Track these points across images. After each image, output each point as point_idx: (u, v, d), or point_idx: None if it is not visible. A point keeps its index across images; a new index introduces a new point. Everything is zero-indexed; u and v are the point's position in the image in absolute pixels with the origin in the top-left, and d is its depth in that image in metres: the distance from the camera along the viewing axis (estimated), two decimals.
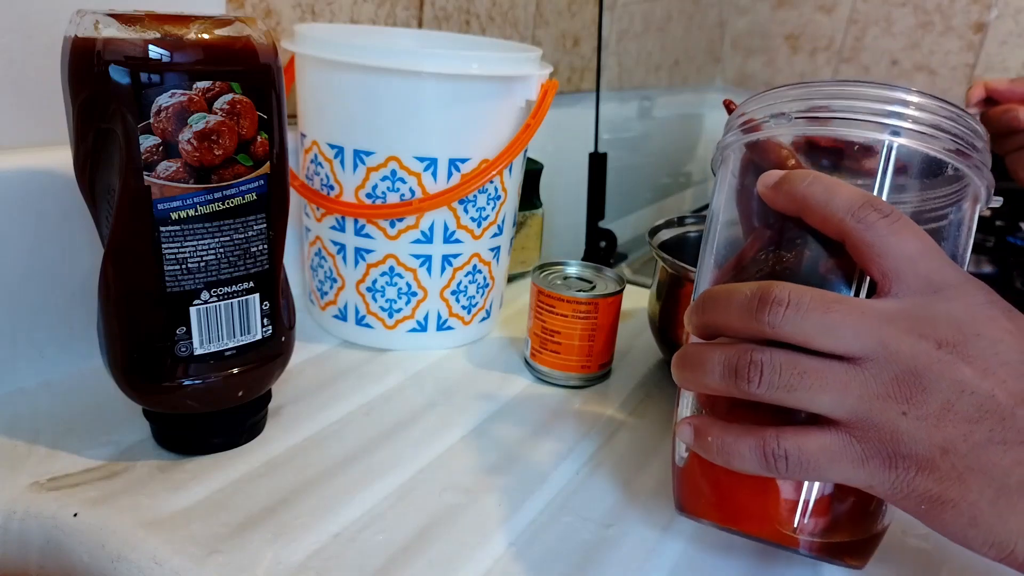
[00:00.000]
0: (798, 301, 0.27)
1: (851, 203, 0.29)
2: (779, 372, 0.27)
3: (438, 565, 0.34)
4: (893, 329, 0.27)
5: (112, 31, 0.32)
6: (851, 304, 0.28)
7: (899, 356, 0.27)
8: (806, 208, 0.30)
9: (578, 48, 0.96)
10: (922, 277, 0.28)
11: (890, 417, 0.27)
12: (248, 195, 0.37)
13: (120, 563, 0.33)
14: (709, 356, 0.29)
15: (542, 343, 0.52)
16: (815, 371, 0.27)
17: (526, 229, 0.69)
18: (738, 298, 0.29)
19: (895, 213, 0.28)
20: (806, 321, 0.27)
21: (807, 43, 1.40)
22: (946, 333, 0.27)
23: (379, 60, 0.47)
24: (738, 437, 0.29)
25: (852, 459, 0.28)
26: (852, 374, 0.27)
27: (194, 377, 0.38)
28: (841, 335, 0.27)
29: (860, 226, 0.28)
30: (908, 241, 0.28)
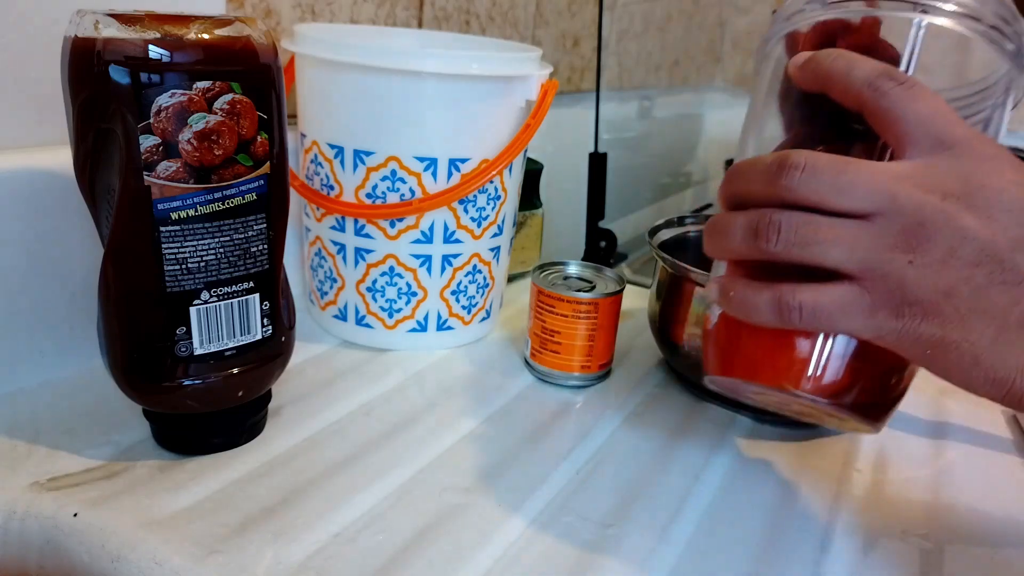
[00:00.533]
0: (814, 164, 0.29)
1: (870, 73, 0.30)
2: (795, 230, 0.29)
3: (438, 565, 0.34)
4: (902, 185, 0.29)
5: (112, 31, 0.32)
6: (864, 165, 0.29)
7: (906, 209, 0.28)
8: (829, 82, 0.31)
9: (578, 48, 0.96)
10: (933, 136, 0.29)
11: (897, 266, 0.29)
12: (248, 195, 0.37)
13: (120, 563, 0.33)
14: (732, 221, 0.32)
15: (542, 343, 0.52)
16: (828, 227, 0.29)
17: (526, 229, 0.69)
18: (760, 166, 0.31)
19: (911, 80, 0.30)
20: (820, 182, 0.29)
21: None
22: (952, 185, 0.28)
23: (379, 60, 0.47)
24: (757, 291, 0.31)
25: (862, 310, 0.29)
26: (863, 228, 0.29)
27: (194, 377, 0.38)
28: (853, 193, 0.29)
29: (876, 94, 0.30)
30: (921, 104, 0.29)
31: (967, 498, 0.43)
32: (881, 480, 0.44)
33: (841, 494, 0.42)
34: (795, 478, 0.43)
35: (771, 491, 0.42)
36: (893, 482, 0.44)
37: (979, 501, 0.43)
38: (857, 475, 0.44)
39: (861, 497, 0.42)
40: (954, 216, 0.28)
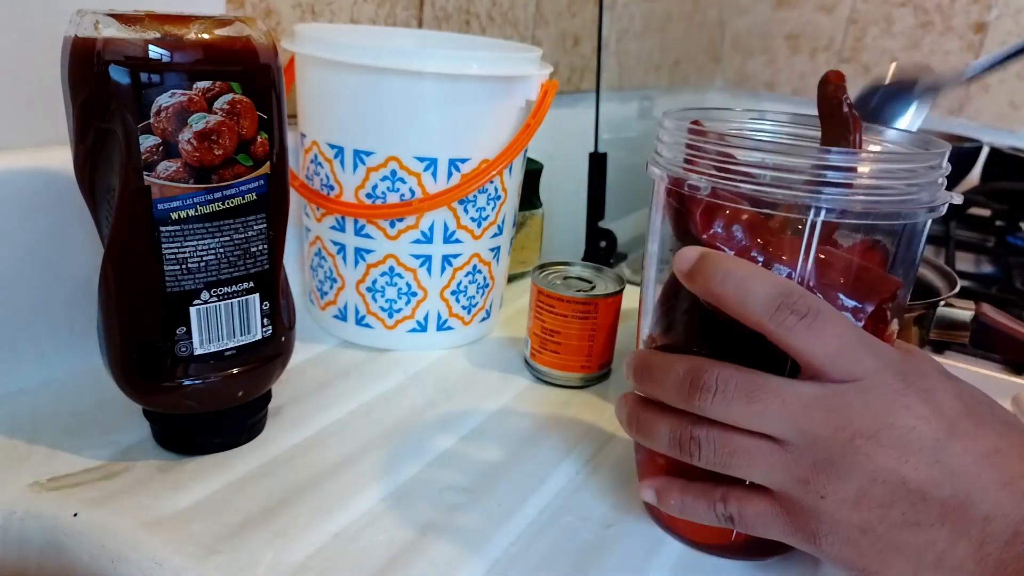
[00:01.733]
0: (724, 389, 0.30)
1: (766, 306, 0.29)
2: (714, 449, 0.31)
3: (438, 565, 0.34)
4: (811, 418, 0.29)
5: (112, 31, 0.32)
6: (773, 391, 0.29)
7: (816, 445, 0.29)
8: (722, 305, 0.30)
9: (578, 48, 0.96)
10: (842, 370, 0.29)
11: (811, 499, 0.29)
12: (248, 195, 0.37)
13: (120, 563, 0.33)
14: (657, 427, 0.33)
15: (542, 343, 0.52)
16: (744, 450, 0.30)
17: (526, 229, 0.69)
18: (672, 378, 0.31)
19: (812, 311, 0.29)
20: (731, 409, 0.30)
21: (807, 43, 1.40)
22: (860, 423, 0.28)
23: (379, 60, 0.47)
24: (695, 500, 0.33)
25: (783, 527, 0.31)
26: (777, 455, 0.30)
27: (194, 377, 0.38)
28: (763, 423, 0.29)
29: (779, 330, 0.29)
30: (827, 340, 0.29)
31: None
32: None
33: None
34: None
35: None
36: None
37: None
38: None
39: None
40: (866, 456, 0.28)
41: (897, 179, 0.31)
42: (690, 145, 0.32)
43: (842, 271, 0.32)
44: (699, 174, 0.32)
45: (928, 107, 0.49)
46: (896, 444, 0.28)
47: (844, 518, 0.29)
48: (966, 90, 1.27)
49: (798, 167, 0.30)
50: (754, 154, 0.31)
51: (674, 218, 0.34)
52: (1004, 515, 0.27)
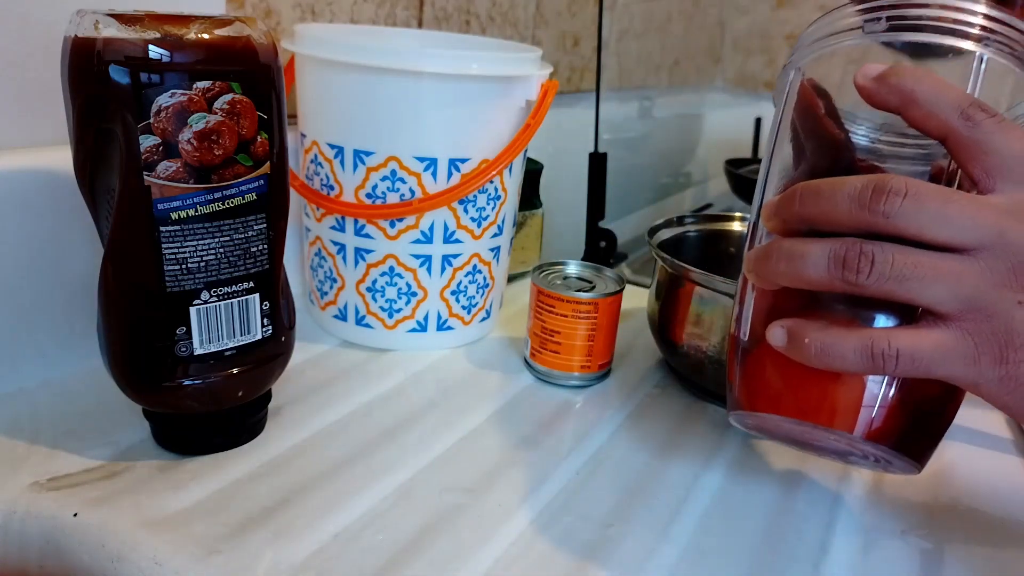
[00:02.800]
0: (916, 192, 0.27)
1: (959, 102, 0.28)
2: (891, 262, 0.27)
3: (438, 565, 0.34)
4: (1011, 220, 0.27)
5: (112, 31, 0.32)
6: (968, 197, 0.28)
7: (1016, 246, 0.27)
8: (912, 103, 0.29)
9: (578, 48, 0.96)
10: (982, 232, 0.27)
11: (1006, 307, 0.27)
12: (248, 195, 0.37)
13: (120, 563, 0.33)
14: (811, 248, 0.29)
15: (542, 343, 0.52)
16: (929, 261, 0.27)
17: (526, 229, 0.69)
18: (848, 189, 0.28)
19: (1000, 115, 0.28)
20: (923, 212, 0.27)
21: None
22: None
23: (379, 60, 0.47)
24: (842, 337, 0.28)
25: (964, 356, 0.28)
26: (967, 264, 0.27)
27: (194, 377, 0.38)
28: (960, 225, 0.27)
29: (968, 124, 0.28)
30: (1016, 140, 0.28)
31: (967, 498, 0.43)
32: (881, 480, 0.44)
33: (841, 494, 0.42)
34: (795, 478, 0.43)
35: (771, 491, 0.42)
36: (893, 482, 0.44)
37: (979, 501, 0.43)
38: (857, 475, 0.44)
39: (861, 497, 0.42)
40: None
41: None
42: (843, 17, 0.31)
43: None
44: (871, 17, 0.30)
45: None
46: None
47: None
48: None
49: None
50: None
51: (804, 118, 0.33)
52: None
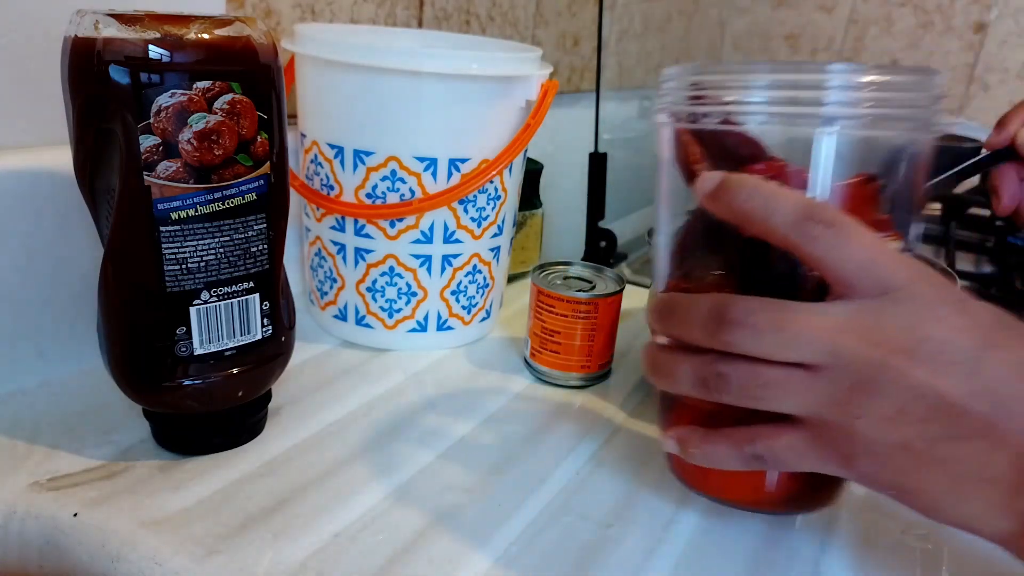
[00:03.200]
0: (754, 322, 0.29)
1: (792, 217, 0.29)
2: (743, 383, 0.30)
3: (438, 565, 0.34)
4: (846, 338, 0.28)
5: (112, 31, 0.32)
6: (803, 315, 0.29)
7: (853, 365, 0.28)
8: (747, 222, 0.30)
9: (578, 48, 0.95)
10: (873, 282, 0.28)
11: (847, 421, 0.29)
12: (248, 195, 0.37)
13: (120, 563, 0.33)
14: (678, 367, 0.32)
15: (542, 343, 0.52)
16: (776, 381, 0.29)
17: (526, 229, 0.69)
18: (696, 315, 0.30)
19: (838, 221, 0.28)
20: (762, 340, 0.29)
21: (807, 43, 1.40)
22: (896, 338, 0.28)
23: (379, 60, 0.47)
24: (716, 445, 0.32)
25: (816, 455, 0.30)
26: (811, 381, 0.29)
27: (194, 377, 0.38)
28: (796, 349, 0.29)
29: (804, 240, 0.28)
30: (855, 250, 0.28)
31: None
32: None
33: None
34: None
35: None
36: None
37: None
38: None
39: (861, 497, 0.42)
40: (902, 373, 0.28)
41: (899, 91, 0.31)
42: (696, 84, 0.33)
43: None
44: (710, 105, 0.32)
45: None
46: (931, 357, 0.27)
47: (881, 437, 0.28)
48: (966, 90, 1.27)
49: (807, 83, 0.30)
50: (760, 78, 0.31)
51: (684, 164, 0.34)
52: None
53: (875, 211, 0.33)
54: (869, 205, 0.32)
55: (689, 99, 0.33)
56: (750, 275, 0.32)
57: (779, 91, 0.30)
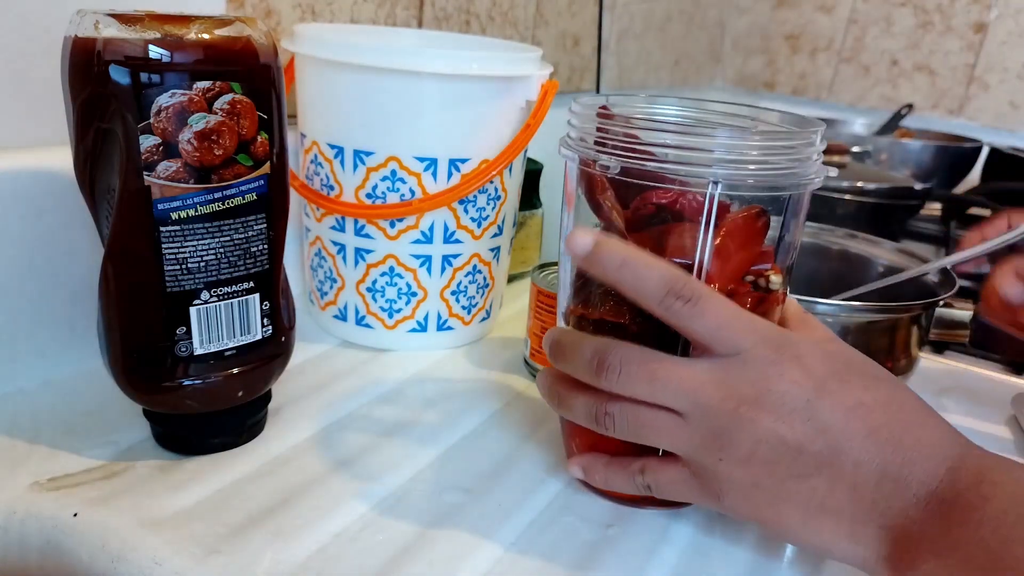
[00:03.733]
0: (627, 370, 0.33)
1: (656, 293, 0.33)
2: (626, 423, 0.34)
3: (438, 565, 0.34)
4: (704, 391, 0.33)
5: (112, 31, 0.32)
6: (669, 370, 0.33)
7: (709, 414, 0.33)
8: (618, 284, 0.34)
9: (578, 48, 0.95)
10: (724, 346, 0.33)
11: (711, 462, 0.33)
12: (248, 195, 0.37)
13: (120, 563, 0.33)
14: (575, 402, 0.36)
15: (542, 343, 0.51)
16: (651, 423, 0.34)
17: (526, 229, 0.69)
18: (581, 358, 0.35)
19: (696, 294, 0.32)
20: (635, 386, 0.33)
21: (807, 43, 1.40)
22: (743, 392, 0.32)
23: (379, 60, 0.47)
24: (615, 475, 0.38)
25: (692, 489, 0.35)
26: (680, 426, 0.33)
27: (194, 377, 0.38)
28: (664, 398, 0.33)
29: (668, 313, 0.33)
30: (708, 320, 0.32)
31: None
32: None
33: None
34: None
35: None
36: None
37: None
38: None
39: None
40: (751, 421, 0.32)
41: (781, 155, 0.34)
42: (600, 128, 0.36)
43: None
44: (608, 154, 0.35)
45: None
46: (774, 407, 0.32)
47: (738, 477, 0.33)
48: (966, 90, 1.27)
49: (697, 145, 0.34)
50: (658, 135, 0.34)
51: (588, 195, 0.38)
52: (870, 460, 0.31)
53: (760, 243, 0.37)
54: (756, 238, 0.36)
55: (595, 142, 0.36)
56: (637, 314, 0.36)
57: (674, 150, 0.34)
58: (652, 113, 0.41)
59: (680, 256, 0.35)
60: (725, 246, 0.35)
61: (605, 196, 0.37)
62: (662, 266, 0.33)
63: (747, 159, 0.33)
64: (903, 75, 1.32)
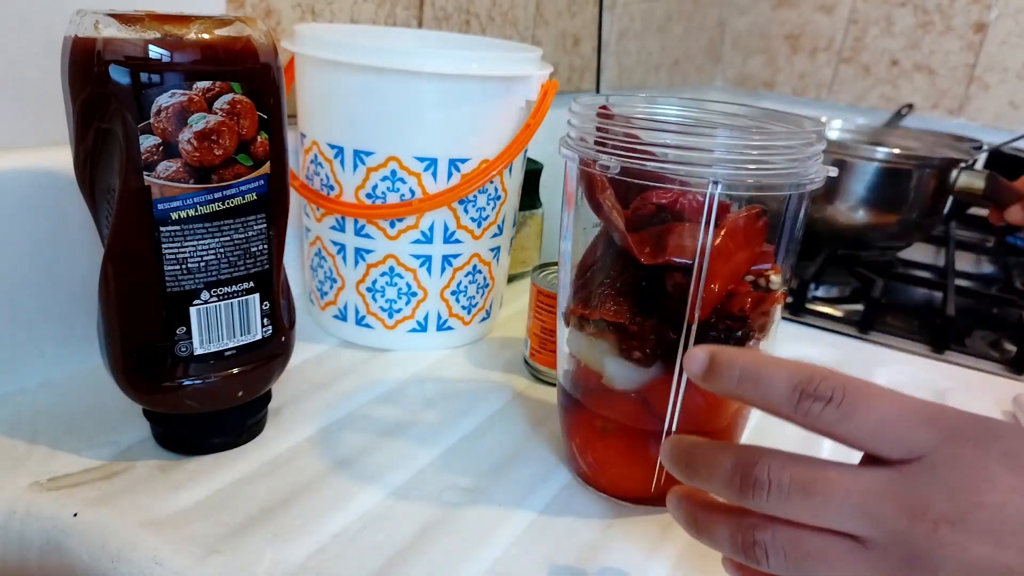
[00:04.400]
0: (779, 483, 0.26)
1: (788, 398, 0.27)
2: (784, 555, 0.27)
3: (438, 565, 0.34)
4: (883, 508, 0.25)
5: (112, 31, 0.32)
6: (832, 481, 0.26)
7: (900, 538, 0.25)
8: (743, 398, 0.28)
9: (578, 48, 0.95)
10: (895, 449, 0.26)
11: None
12: (248, 195, 0.37)
13: (120, 563, 0.33)
14: (717, 529, 0.29)
15: (541, 343, 0.51)
16: (819, 552, 0.26)
17: (526, 229, 0.69)
18: (720, 474, 0.28)
19: (838, 391, 0.26)
20: (791, 504, 0.26)
21: (807, 43, 1.40)
22: (943, 508, 0.25)
23: (379, 60, 0.47)
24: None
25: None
26: (858, 553, 0.26)
27: (194, 377, 0.38)
28: (830, 518, 0.26)
29: (808, 420, 0.27)
30: (862, 419, 0.26)
31: None
32: None
33: None
34: None
35: None
36: None
37: None
38: None
39: None
40: (956, 546, 0.24)
41: (781, 155, 0.34)
42: (600, 128, 0.36)
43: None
44: (609, 155, 0.35)
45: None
46: (988, 528, 0.24)
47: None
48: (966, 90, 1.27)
49: (697, 145, 0.33)
50: (658, 135, 0.34)
51: (588, 195, 0.38)
52: None
53: (760, 243, 0.36)
54: (758, 237, 0.36)
55: (595, 142, 0.36)
56: (644, 300, 0.36)
57: (674, 150, 0.33)
58: (652, 113, 0.41)
59: (680, 256, 0.35)
60: (726, 246, 0.35)
61: (605, 196, 0.37)
62: (789, 365, 0.27)
63: (747, 159, 0.33)
64: (903, 75, 1.32)
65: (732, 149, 0.33)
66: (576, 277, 0.39)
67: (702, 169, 0.33)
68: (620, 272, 0.37)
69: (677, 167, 0.34)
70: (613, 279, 0.37)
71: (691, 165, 0.33)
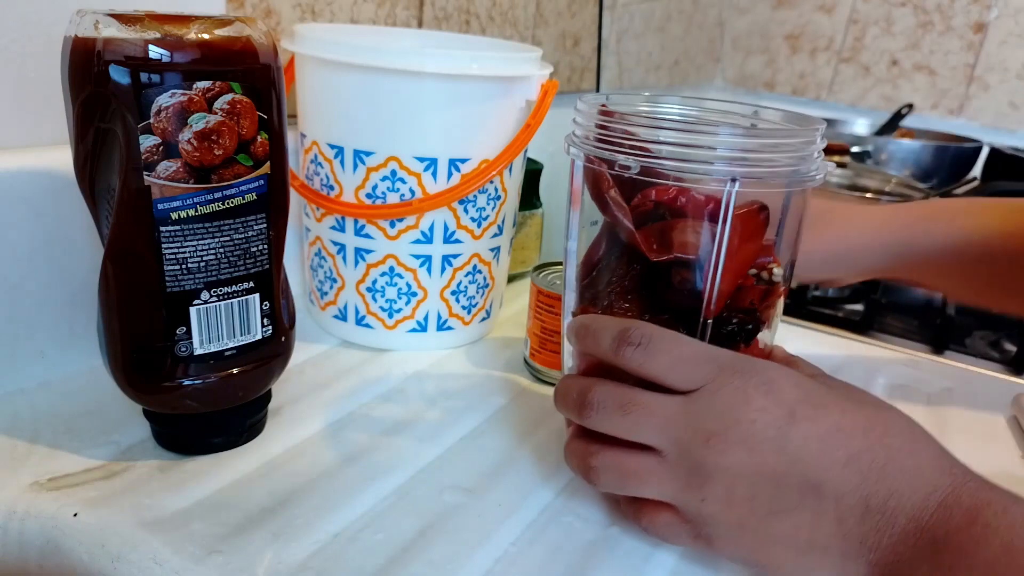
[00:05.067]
0: (603, 404, 0.33)
1: (611, 345, 0.33)
2: (610, 474, 0.34)
3: (438, 565, 0.34)
4: (676, 426, 0.32)
5: (112, 31, 0.32)
6: (643, 404, 0.32)
7: (684, 450, 0.32)
8: (589, 352, 0.35)
9: (578, 48, 0.95)
10: (682, 381, 0.32)
11: (695, 504, 0.32)
12: (248, 195, 0.37)
13: (120, 563, 0.33)
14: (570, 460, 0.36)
15: (541, 343, 0.51)
16: (634, 471, 0.33)
17: (526, 229, 0.69)
18: (569, 400, 0.35)
19: (645, 338, 0.32)
20: (612, 420, 0.33)
21: (807, 43, 1.40)
22: (712, 425, 0.31)
23: (379, 60, 0.47)
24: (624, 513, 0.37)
25: (686, 534, 0.33)
26: (662, 467, 0.32)
27: (194, 377, 0.38)
28: (640, 433, 0.33)
29: (623, 362, 0.33)
30: (660, 359, 0.32)
31: None
32: None
33: None
34: None
35: None
36: None
37: None
38: None
39: None
40: (720, 454, 0.31)
41: (789, 152, 0.35)
42: (607, 127, 0.36)
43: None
44: (626, 154, 0.35)
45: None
46: (743, 439, 0.30)
47: (723, 518, 0.31)
48: (966, 90, 1.27)
49: (708, 144, 0.34)
50: (673, 134, 0.34)
51: (593, 193, 0.38)
52: (852, 491, 0.29)
53: (762, 237, 0.37)
54: (758, 232, 0.37)
55: (598, 139, 0.36)
56: (653, 296, 0.37)
57: (680, 148, 0.34)
58: (656, 112, 0.42)
59: (684, 252, 0.35)
60: (731, 241, 0.35)
61: (611, 193, 0.37)
62: (615, 321, 0.34)
63: (761, 157, 0.34)
64: (903, 75, 1.32)
65: (748, 147, 0.34)
66: (582, 276, 0.39)
67: (721, 167, 0.34)
68: (627, 269, 0.37)
69: (694, 166, 0.34)
70: (620, 277, 0.37)
71: (710, 164, 0.34)
